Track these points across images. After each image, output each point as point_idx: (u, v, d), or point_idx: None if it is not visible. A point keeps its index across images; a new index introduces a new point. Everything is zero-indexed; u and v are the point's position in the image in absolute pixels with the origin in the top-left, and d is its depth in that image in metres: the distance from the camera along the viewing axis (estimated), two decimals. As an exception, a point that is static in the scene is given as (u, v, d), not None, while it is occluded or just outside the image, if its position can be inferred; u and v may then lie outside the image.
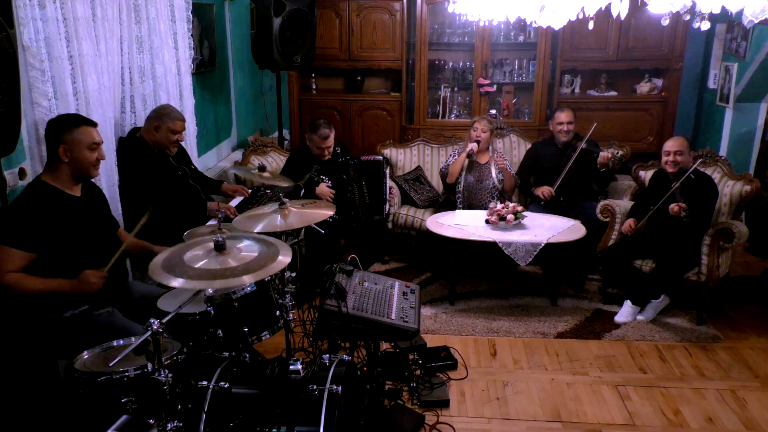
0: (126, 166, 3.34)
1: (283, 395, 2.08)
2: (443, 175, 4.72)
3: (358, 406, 2.26)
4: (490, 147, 4.67)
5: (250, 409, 2.08)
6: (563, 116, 4.56)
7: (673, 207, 3.63)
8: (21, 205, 2.41)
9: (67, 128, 2.47)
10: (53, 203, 2.46)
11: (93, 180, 2.74)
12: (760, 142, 5.22)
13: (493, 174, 4.58)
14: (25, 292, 2.40)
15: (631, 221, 3.94)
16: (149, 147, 3.43)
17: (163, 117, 3.42)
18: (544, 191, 4.56)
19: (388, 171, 4.21)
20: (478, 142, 4.49)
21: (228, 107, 5.62)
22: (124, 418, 2.00)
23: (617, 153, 4.48)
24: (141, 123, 3.59)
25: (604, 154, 4.37)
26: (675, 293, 3.98)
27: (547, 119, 5.70)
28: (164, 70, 3.81)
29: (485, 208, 4.48)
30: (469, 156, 4.50)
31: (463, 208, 4.51)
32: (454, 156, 4.67)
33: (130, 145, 3.42)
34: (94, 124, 2.58)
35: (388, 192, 4.22)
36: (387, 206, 4.25)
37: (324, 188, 4.03)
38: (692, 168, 3.73)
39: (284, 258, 2.14)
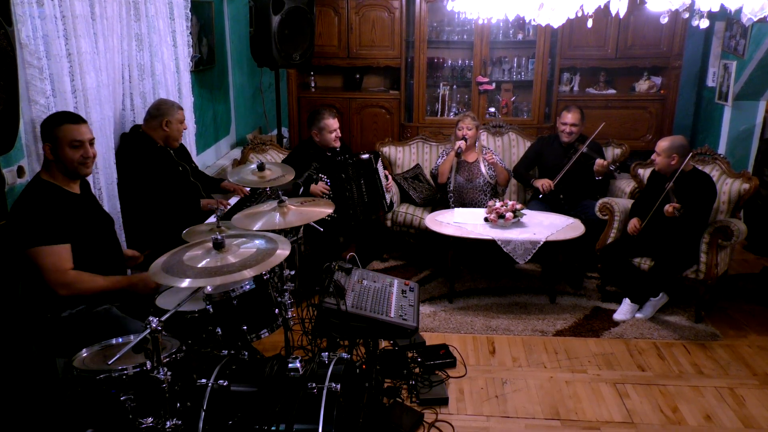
0: (129, 161, 3.36)
1: (282, 393, 2.08)
2: (434, 176, 4.74)
3: (357, 404, 2.26)
4: (477, 144, 4.68)
5: (249, 407, 2.08)
6: (569, 117, 4.55)
7: (667, 208, 3.63)
8: (32, 204, 2.41)
9: (51, 127, 2.47)
10: (58, 200, 2.46)
11: (93, 177, 2.74)
12: (758, 140, 5.23)
13: (483, 171, 4.59)
14: (87, 290, 2.44)
15: (635, 221, 3.92)
16: (153, 142, 3.45)
17: (169, 111, 3.47)
18: (543, 184, 4.55)
19: (380, 165, 4.19)
20: (465, 139, 4.50)
21: (227, 105, 5.62)
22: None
23: (613, 165, 4.43)
24: (140, 120, 3.59)
25: (600, 162, 4.36)
26: (673, 291, 3.98)
27: (546, 117, 5.71)
28: (163, 67, 3.81)
29: (478, 207, 4.49)
30: (458, 154, 4.51)
31: (457, 207, 4.52)
32: (443, 156, 4.68)
33: (134, 140, 3.44)
34: (78, 122, 2.52)
35: (384, 185, 4.21)
36: (388, 197, 4.24)
37: (316, 187, 4.03)
38: (682, 166, 3.72)
39: (283, 251, 2.14)
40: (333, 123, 4.20)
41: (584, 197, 4.57)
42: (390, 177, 4.48)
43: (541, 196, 4.60)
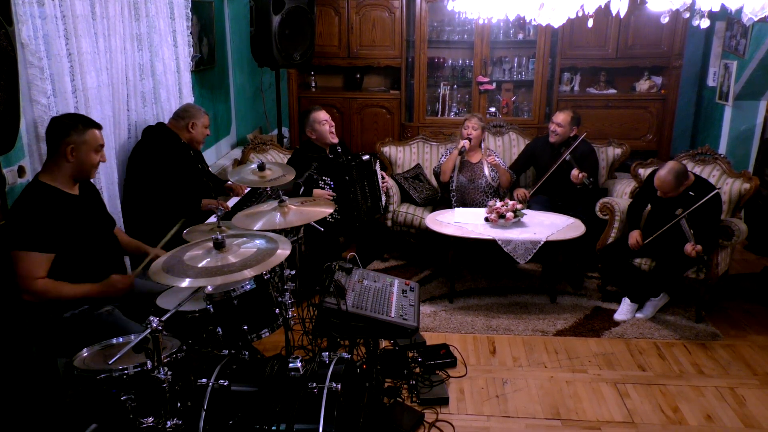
0: (151, 153, 3.43)
1: (283, 393, 2.08)
2: (436, 174, 4.74)
3: (358, 403, 2.26)
4: (482, 145, 4.67)
5: (249, 407, 2.08)
6: (557, 117, 4.56)
7: (690, 252, 3.59)
8: (26, 208, 2.41)
9: (77, 129, 2.47)
10: (56, 204, 2.46)
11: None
12: (759, 139, 5.22)
13: (486, 173, 4.58)
14: (56, 298, 2.43)
15: (637, 236, 3.87)
16: (177, 137, 3.57)
17: (195, 114, 3.61)
18: (518, 194, 4.60)
19: (378, 166, 4.18)
20: (469, 139, 4.50)
21: (227, 105, 5.61)
22: (92, 426, 2.01)
23: (587, 180, 4.38)
24: (140, 120, 3.60)
25: (574, 174, 4.32)
26: (674, 291, 3.98)
27: (547, 117, 5.70)
28: (164, 67, 3.81)
29: (479, 208, 4.49)
30: (460, 153, 4.51)
31: (458, 207, 4.52)
32: (446, 154, 4.68)
33: (159, 133, 3.53)
34: (100, 127, 2.60)
35: (380, 185, 4.21)
36: (383, 199, 4.24)
37: (321, 192, 4.02)
38: (702, 201, 3.62)
39: (283, 251, 2.14)
40: (321, 114, 4.17)
41: (580, 199, 4.55)
42: (386, 176, 4.47)
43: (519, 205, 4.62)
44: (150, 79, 3.71)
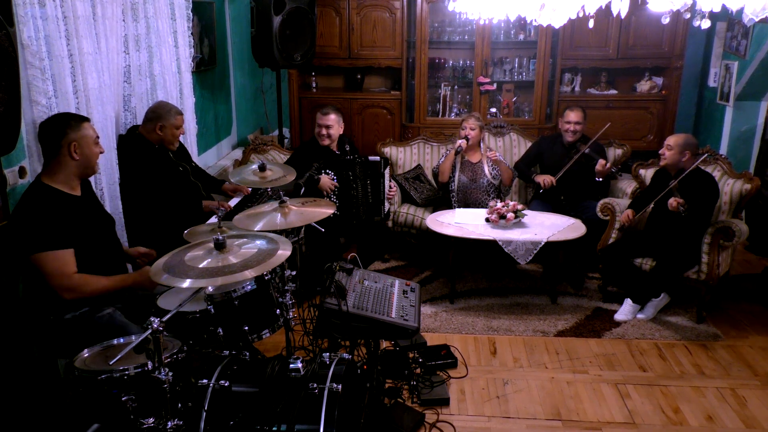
0: (127, 164, 3.35)
1: (284, 393, 2.08)
2: (435, 174, 4.74)
3: (358, 404, 2.26)
4: (482, 145, 4.67)
5: (250, 408, 2.08)
6: (572, 116, 4.55)
7: (672, 202, 3.63)
8: (35, 209, 2.40)
9: (71, 126, 2.47)
10: (60, 205, 2.45)
11: (94, 178, 2.74)
12: (760, 140, 5.22)
13: (487, 172, 4.59)
14: (92, 292, 2.45)
15: (629, 212, 3.95)
16: (150, 144, 3.44)
17: (165, 116, 3.42)
18: (545, 179, 4.56)
19: (387, 171, 4.20)
20: (467, 138, 4.50)
21: (228, 105, 5.62)
22: (94, 426, 2.01)
23: (615, 168, 4.43)
24: (140, 121, 3.60)
25: (602, 163, 4.37)
26: (675, 291, 3.98)
27: (548, 118, 5.71)
28: (164, 68, 3.81)
29: (481, 207, 4.49)
30: (457, 152, 4.51)
31: (459, 207, 4.52)
32: (446, 155, 4.69)
33: (131, 142, 3.43)
34: (89, 120, 2.61)
35: (387, 191, 4.22)
36: (386, 206, 4.25)
37: (326, 180, 4.04)
38: (692, 167, 3.72)
39: (284, 252, 2.14)
40: (319, 117, 4.19)
41: (585, 197, 4.57)
42: (395, 187, 4.48)
43: (541, 191, 4.60)
44: (150, 79, 3.71)
